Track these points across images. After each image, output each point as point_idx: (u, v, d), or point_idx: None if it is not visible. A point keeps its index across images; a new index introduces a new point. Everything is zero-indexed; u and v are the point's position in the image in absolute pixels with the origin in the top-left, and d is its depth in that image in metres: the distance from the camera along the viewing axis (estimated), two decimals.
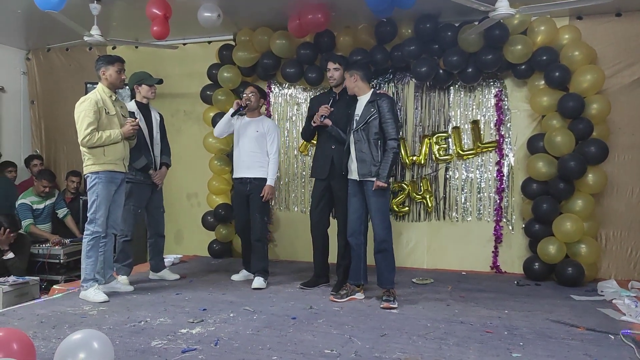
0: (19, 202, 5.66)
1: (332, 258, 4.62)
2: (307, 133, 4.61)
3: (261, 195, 4.56)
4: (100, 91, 4.07)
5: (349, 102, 4.24)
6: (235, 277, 4.86)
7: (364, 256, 4.14)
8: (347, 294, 4.09)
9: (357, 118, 4.04)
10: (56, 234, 5.75)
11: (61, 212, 5.94)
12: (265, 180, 4.57)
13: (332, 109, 4.29)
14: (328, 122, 4.25)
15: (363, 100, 4.07)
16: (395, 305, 3.86)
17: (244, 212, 4.72)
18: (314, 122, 4.33)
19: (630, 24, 4.96)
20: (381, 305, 3.87)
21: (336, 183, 4.36)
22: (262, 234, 4.68)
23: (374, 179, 3.92)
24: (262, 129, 4.63)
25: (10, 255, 4.99)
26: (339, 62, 4.37)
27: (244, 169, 4.63)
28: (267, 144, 4.62)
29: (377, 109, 3.95)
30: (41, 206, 5.78)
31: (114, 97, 4.15)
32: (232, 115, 4.59)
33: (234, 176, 4.82)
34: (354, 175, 4.08)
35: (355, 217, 4.10)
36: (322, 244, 4.59)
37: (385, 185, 3.92)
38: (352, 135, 4.06)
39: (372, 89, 4.15)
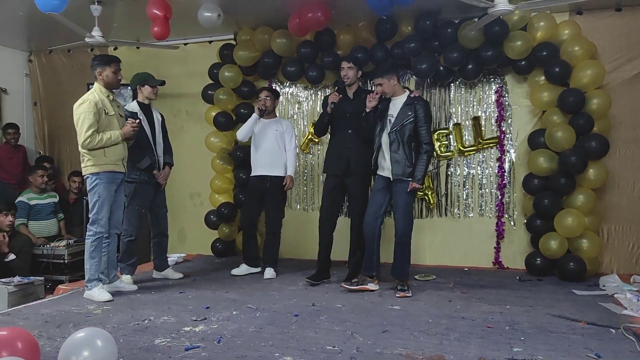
0: (18, 199, 5.60)
1: (335, 255, 4.74)
2: (320, 127, 4.77)
3: (284, 184, 4.86)
4: (97, 91, 4.06)
5: (363, 100, 4.36)
6: (235, 271, 4.93)
7: (377, 248, 4.28)
8: (358, 283, 4.26)
9: (392, 120, 4.17)
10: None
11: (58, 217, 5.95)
12: (282, 178, 4.86)
13: (341, 95, 4.50)
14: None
15: (398, 102, 4.21)
16: (410, 294, 4.07)
17: (256, 208, 5.00)
18: (331, 106, 4.47)
19: (630, 19, 4.95)
20: (397, 295, 4.07)
21: (351, 180, 4.51)
22: (277, 227, 4.95)
23: (408, 179, 4.07)
24: (281, 128, 4.96)
25: (12, 257, 5.02)
26: (353, 61, 4.55)
27: (264, 167, 4.89)
28: (285, 142, 4.92)
29: (414, 113, 4.09)
30: (42, 202, 5.73)
31: (111, 97, 4.15)
32: (260, 116, 4.83)
33: (252, 174, 5.01)
34: (385, 172, 4.23)
35: (373, 210, 4.25)
36: (327, 240, 4.67)
37: (421, 187, 4.18)
38: (386, 136, 4.18)
39: (406, 91, 4.28)
